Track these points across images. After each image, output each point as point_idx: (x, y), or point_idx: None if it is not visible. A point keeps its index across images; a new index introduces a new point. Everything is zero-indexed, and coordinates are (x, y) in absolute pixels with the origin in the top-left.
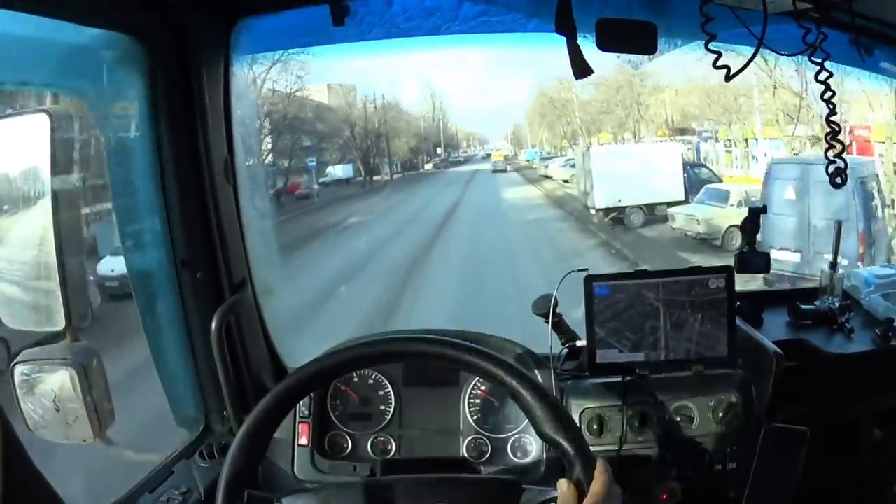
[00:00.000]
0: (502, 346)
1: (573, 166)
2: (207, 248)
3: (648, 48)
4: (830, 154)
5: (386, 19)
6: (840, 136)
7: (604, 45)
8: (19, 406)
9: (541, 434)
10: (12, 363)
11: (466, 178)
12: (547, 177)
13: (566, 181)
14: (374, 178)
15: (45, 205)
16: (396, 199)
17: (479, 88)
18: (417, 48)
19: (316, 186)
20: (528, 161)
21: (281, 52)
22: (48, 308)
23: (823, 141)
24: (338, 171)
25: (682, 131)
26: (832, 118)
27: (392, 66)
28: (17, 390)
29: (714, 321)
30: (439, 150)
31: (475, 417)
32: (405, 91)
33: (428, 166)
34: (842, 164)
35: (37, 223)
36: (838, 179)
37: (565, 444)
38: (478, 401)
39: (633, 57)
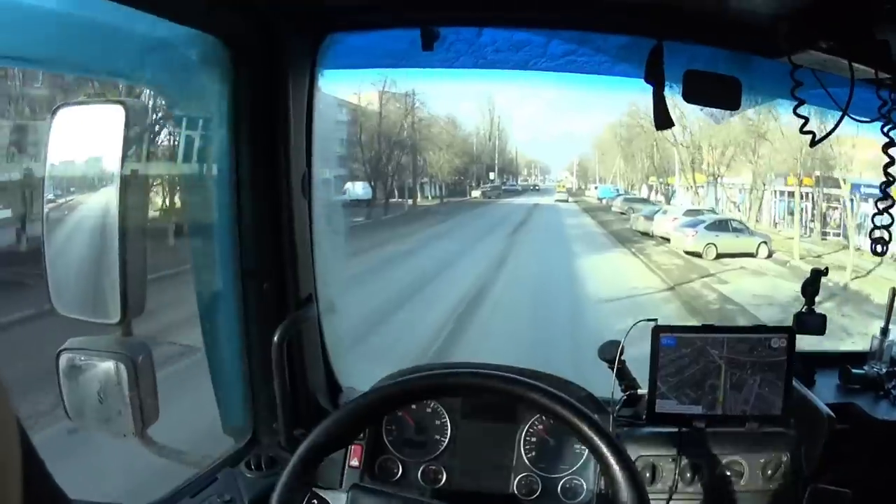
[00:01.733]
0: (567, 388)
1: (715, 228)
2: (276, 261)
3: (732, 103)
4: (878, 221)
5: (474, 49)
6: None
7: (689, 96)
8: (62, 393)
9: (611, 495)
10: (59, 350)
11: (521, 216)
12: (647, 234)
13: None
14: (393, 201)
15: (113, 196)
16: (387, 251)
17: (547, 112)
18: (503, 80)
19: None
20: (602, 199)
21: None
22: (104, 300)
23: (873, 206)
24: (357, 188)
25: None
26: (888, 189)
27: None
28: (62, 377)
29: (772, 380)
30: (492, 175)
31: (529, 455)
32: (456, 100)
33: (475, 193)
34: (885, 235)
35: (103, 214)
36: (878, 248)
37: None
38: (534, 439)
39: (716, 112)
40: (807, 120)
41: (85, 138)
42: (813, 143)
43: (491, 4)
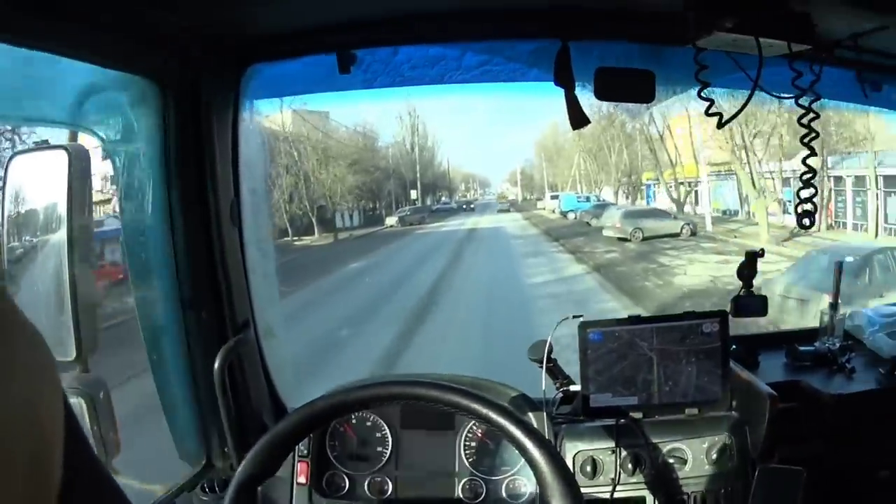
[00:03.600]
0: (496, 390)
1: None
2: (212, 289)
3: (646, 97)
4: (803, 195)
5: (391, 68)
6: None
7: (602, 94)
8: None
9: (543, 494)
10: None
11: (443, 262)
12: None
13: None
14: (281, 242)
15: (61, 238)
16: None
17: (483, 125)
18: (421, 96)
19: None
20: (567, 213)
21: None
22: (60, 338)
23: (798, 181)
24: None
25: None
26: (808, 161)
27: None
28: None
29: (708, 365)
30: (414, 194)
31: (470, 459)
32: (372, 111)
33: (390, 221)
34: (810, 208)
35: (52, 255)
36: (806, 221)
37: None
38: (473, 443)
39: (631, 106)
40: (711, 102)
41: (35, 184)
42: (720, 125)
43: (404, 24)
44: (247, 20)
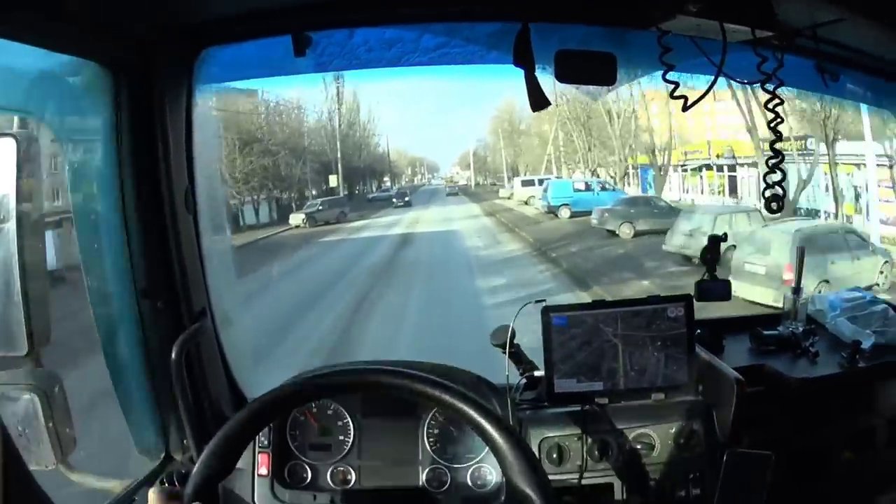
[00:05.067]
0: (457, 375)
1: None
2: (167, 278)
3: (608, 79)
4: (770, 180)
5: (347, 50)
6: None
7: (563, 76)
8: None
9: (507, 478)
10: None
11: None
12: None
13: None
14: None
15: (10, 229)
16: None
17: (433, 109)
18: (378, 79)
19: None
20: (560, 208)
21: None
22: (10, 333)
23: (763, 165)
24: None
25: None
26: (776, 146)
27: None
28: None
29: (673, 349)
30: (333, 181)
31: (434, 447)
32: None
33: (295, 219)
34: (779, 192)
35: (2, 249)
36: (774, 205)
37: (531, 494)
38: (436, 431)
39: (592, 88)
40: (676, 84)
41: None
42: (685, 108)
43: (359, 5)
44: (200, 2)
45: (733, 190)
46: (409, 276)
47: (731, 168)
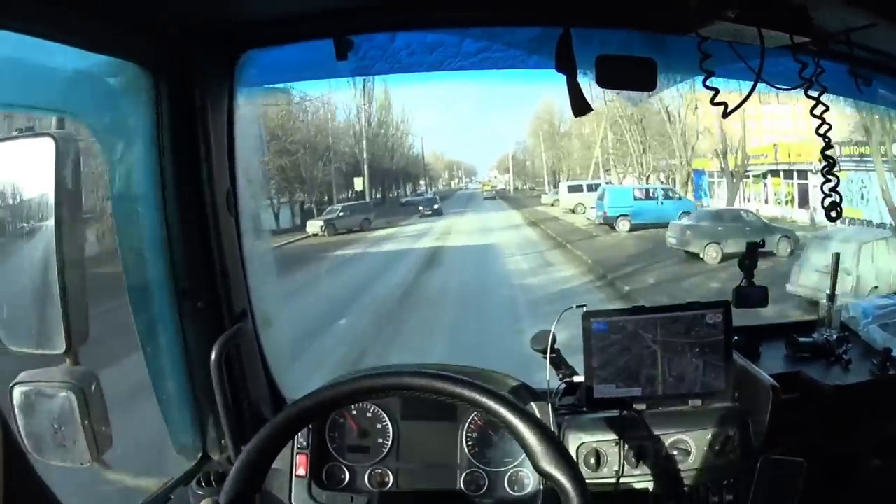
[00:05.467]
0: (498, 380)
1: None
2: (208, 279)
3: (648, 85)
4: (826, 188)
5: (389, 54)
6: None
7: (603, 82)
8: (17, 427)
9: (537, 468)
10: (12, 384)
11: None
12: None
13: None
14: None
15: (49, 228)
16: None
17: (472, 112)
18: (420, 83)
19: None
20: (618, 219)
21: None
22: (48, 331)
23: (820, 174)
24: None
25: None
26: (827, 152)
27: None
28: (16, 411)
29: (711, 356)
30: (359, 183)
31: (473, 451)
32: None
33: (312, 226)
34: (836, 199)
35: (40, 246)
36: (833, 213)
37: (562, 479)
38: (475, 434)
39: (633, 93)
40: (717, 91)
41: (19, 172)
42: (725, 115)
43: (401, 9)
44: (241, 5)
45: (804, 201)
46: (428, 321)
47: (802, 175)
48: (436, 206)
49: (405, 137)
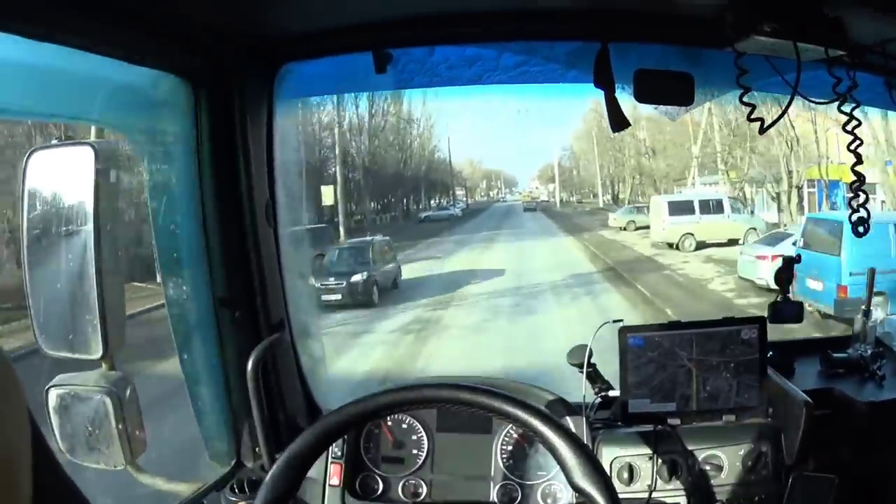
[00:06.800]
0: (534, 394)
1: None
2: (246, 289)
3: (685, 99)
4: (854, 204)
5: (427, 67)
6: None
7: (641, 96)
8: (52, 429)
9: (571, 482)
10: (47, 387)
11: None
12: None
13: None
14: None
15: (88, 235)
16: None
17: (511, 124)
18: (458, 97)
19: None
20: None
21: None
22: (85, 336)
23: (848, 190)
24: None
25: None
26: (857, 168)
27: None
28: (52, 414)
29: (745, 372)
30: (328, 195)
31: (507, 463)
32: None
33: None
34: (864, 214)
35: (78, 253)
36: (860, 229)
37: (595, 494)
38: (510, 447)
39: (670, 108)
40: (753, 107)
41: (58, 180)
42: (762, 130)
43: (441, 23)
44: (280, 18)
45: None
46: None
47: None
48: (454, 214)
49: (424, 138)
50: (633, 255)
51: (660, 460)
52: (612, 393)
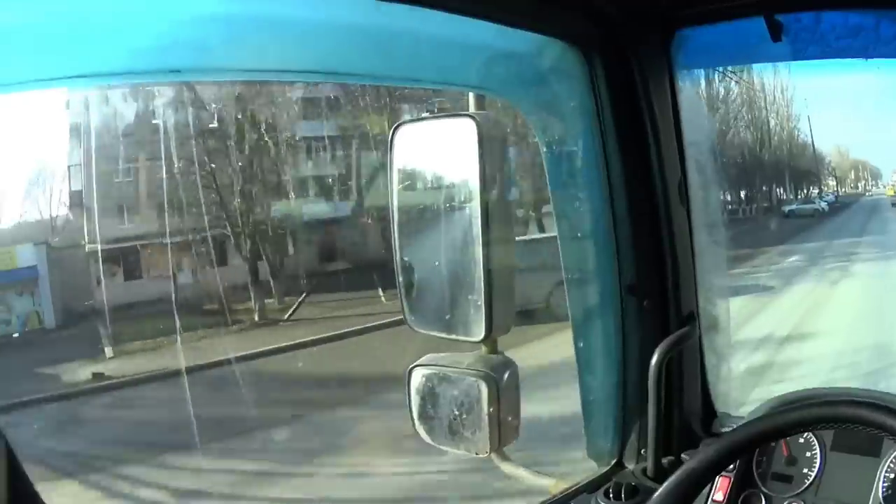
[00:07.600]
0: None
1: None
2: (657, 276)
3: None
4: None
5: (818, 37)
6: None
7: None
8: (410, 409)
9: None
10: (412, 366)
11: None
12: None
13: None
14: None
15: (474, 211)
16: None
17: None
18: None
19: None
20: None
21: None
22: (465, 317)
23: None
24: None
25: None
26: None
27: None
28: (413, 393)
29: None
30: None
31: (886, 493)
32: None
33: None
34: None
35: (463, 230)
36: None
37: None
38: (892, 475)
39: None
40: None
41: (431, 154)
42: None
43: None
44: None
45: None
46: None
47: None
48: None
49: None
50: None
51: None
52: None
